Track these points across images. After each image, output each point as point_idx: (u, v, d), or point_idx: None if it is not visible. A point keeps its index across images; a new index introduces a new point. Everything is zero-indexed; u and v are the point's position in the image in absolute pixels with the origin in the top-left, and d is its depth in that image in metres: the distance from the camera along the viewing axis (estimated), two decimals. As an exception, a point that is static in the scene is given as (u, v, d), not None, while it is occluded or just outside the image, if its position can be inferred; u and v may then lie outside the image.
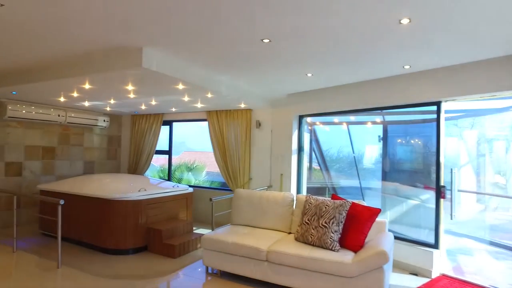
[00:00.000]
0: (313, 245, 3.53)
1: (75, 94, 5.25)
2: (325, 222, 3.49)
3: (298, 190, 5.91)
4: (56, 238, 4.10)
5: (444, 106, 4.05)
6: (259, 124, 6.20)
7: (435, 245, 3.99)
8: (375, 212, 3.48)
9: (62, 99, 5.74)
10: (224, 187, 6.90)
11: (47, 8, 2.59)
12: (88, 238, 4.84)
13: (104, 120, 7.50)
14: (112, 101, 5.87)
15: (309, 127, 6.38)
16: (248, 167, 6.22)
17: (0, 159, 6.03)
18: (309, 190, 6.23)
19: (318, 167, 6.85)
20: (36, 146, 6.55)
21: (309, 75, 4.40)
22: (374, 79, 4.58)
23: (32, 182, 6.43)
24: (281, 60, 3.75)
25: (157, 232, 4.69)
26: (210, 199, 4.56)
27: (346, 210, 3.49)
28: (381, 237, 3.42)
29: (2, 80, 4.94)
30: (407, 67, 3.92)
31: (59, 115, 6.59)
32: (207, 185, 7.75)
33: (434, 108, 4.16)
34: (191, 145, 8.56)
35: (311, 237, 3.55)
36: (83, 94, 5.19)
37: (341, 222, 3.46)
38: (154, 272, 4.08)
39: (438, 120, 4.07)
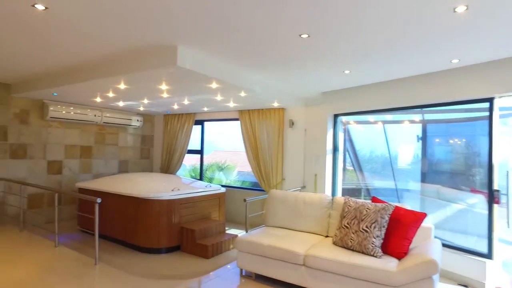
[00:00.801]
0: (353, 250, 3.35)
1: (110, 95, 5.35)
2: (366, 226, 3.30)
3: (333, 192, 5.72)
4: (93, 235, 4.18)
5: (497, 103, 3.73)
6: (292, 124, 6.06)
7: (489, 255, 3.67)
8: (420, 217, 3.26)
9: (98, 99, 5.88)
10: (255, 187, 6.82)
11: (86, 9, 2.61)
12: (123, 236, 4.91)
13: (138, 120, 7.65)
14: (145, 101, 5.95)
15: (343, 127, 6.16)
16: (281, 167, 6.10)
17: (43, 157, 6.29)
18: (343, 191, 6.01)
19: (351, 168, 6.62)
20: (75, 145, 6.77)
21: (347, 72, 4.21)
22: (416, 75, 4.32)
23: (71, 180, 6.66)
24: (319, 56, 3.60)
25: (190, 232, 4.68)
26: (244, 200, 4.49)
27: (389, 214, 3.29)
28: (428, 244, 3.19)
29: (44, 82, 5.13)
30: (455, 61, 3.64)
31: (95, 115, 6.79)
32: (238, 185, 7.70)
33: (485, 105, 3.85)
34: (221, 145, 8.55)
35: (351, 241, 3.38)
36: (118, 94, 5.28)
37: (384, 226, 3.26)
38: (188, 272, 4.06)
39: (490, 118, 3.75)
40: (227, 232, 5.31)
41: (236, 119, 6.76)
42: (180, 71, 3.69)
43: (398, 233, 3.25)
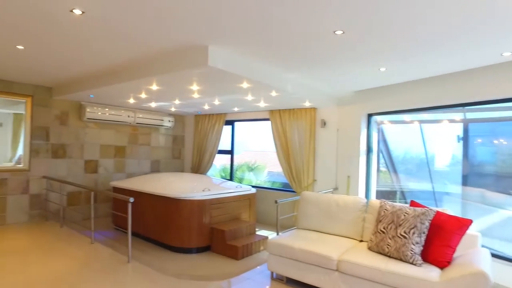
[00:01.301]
0: (389, 256, 3.18)
1: (143, 96, 5.46)
2: (404, 232, 3.12)
3: (367, 194, 5.51)
4: (127, 233, 4.27)
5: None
6: (324, 124, 5.90)
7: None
8: (465, 223, 3.03)
9: (131, 100, 6.03)
10: (286, 188, 6.72)
11: (120, 12, 2.63)
12: (155, 235, 4.99)
13: (169, 121, 7.78)
14: (177, 102, 6.02)
15: (377, 126, 5.92)
16: (313, 168, 5.96)
17: (81, 157, 6.55)
18: (377, 193, 5.78)
19: (384, 169, 6.36)
20: (110, 145, 6.99)
21: (382, 69, 4.02)
22: (458, 71, 4.05)
23: (106, 179, 6.88)
24: (353, 53, 3.46)
25: (221, 232, 4.66)
26: (276, 201, 4.41)
27: (429, 220, 3.09)
28: (474, 254, 2.96)
29: (81, 85, 5.32)
30: (507, 54, 3.35)
31: (128, 116, 6.97)
32: (268, 185, 7.63)
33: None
34: (251, 145, 8.50)
35: (387, 247, 3.21)
36: (150, 95, 5.37)
37: (424, 233, 3.06)
38: (218, 273, 4.04)
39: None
40: (257, 233, 5.25)
41: (267, 119, 6.70)
42: (211, 71, 3.67)
43: (440, 240, 3.04)
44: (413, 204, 3.49)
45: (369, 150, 5.56)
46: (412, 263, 2.99)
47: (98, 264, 4.10)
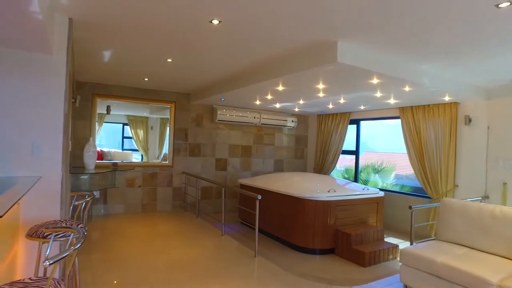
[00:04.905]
0: None
1: (268, 97, 5.65)
2: None
3: (531, 206, 4.46)
4: (252, 228, 4.46)
5: None
6: (469, 120, 5.04)
7: None
8: None
9: (257, 102, 6.32)
10: (417, 193, 6.01)
11: (254, 17, 2.73)
12: (278, 233, 5.08)
13: (292, 121, 7.91)
14: (301, 102, 6.04)
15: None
16: (453, 172, 5.17)
17: (212, 155, 7.23)
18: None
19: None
20: (237, 145, 7.51)
21: (562, 48, 3.16)
22: None
23: (234, 176, 7.41)
24: (519, 31, 2.80)
25: (346, 235, 4.45)
26: (410, 207, 3.96)
27: None
28: None
29: (214, 89, 5.85)
30: None
31: (254, 117, 7.36)
32: (396, 189, 6.98)
33: None
34: (374, 145, 7.92)
35: None
36: (276, 96, 5.52)
37: None
38: (343, 278, 3.84)
39: None
40: (385, 240, 4.83)
41: (397, 117, 6.13)
42: (339, 68, 3.52)
43: None
44: None
45: (534, 152, 4.50)
46: None
47: (227, 255, 4.41)
